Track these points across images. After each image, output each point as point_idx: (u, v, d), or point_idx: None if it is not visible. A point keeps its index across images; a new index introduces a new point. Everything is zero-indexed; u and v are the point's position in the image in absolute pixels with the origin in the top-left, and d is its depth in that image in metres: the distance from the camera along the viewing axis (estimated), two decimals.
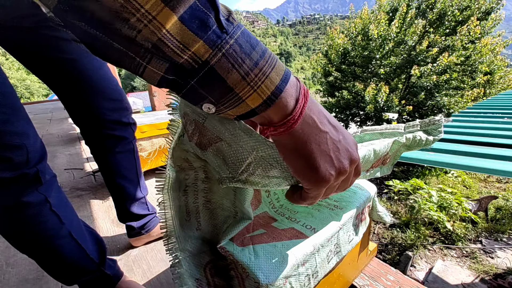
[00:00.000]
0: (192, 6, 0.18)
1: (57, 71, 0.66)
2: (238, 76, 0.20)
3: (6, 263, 0.90)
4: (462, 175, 5.40)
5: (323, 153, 0.25)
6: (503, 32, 7.06)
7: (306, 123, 0.25)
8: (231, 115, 0.24)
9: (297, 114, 0.24)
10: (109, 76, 0.73)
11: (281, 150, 0.26)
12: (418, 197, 3.85)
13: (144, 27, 0.17)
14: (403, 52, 6.72)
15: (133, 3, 0.16)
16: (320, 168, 0.25)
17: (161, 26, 0.17)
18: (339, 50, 7.93)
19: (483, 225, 3.44)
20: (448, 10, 6.50)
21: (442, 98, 6.46)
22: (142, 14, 0.17)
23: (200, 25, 0.18)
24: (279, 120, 0.24)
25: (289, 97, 0.23)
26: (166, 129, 0.37)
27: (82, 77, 0.68)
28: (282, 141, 0.25)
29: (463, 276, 2.62)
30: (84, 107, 0.72)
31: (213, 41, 0.19)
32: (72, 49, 0.65)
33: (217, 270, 0.42)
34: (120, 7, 0.16)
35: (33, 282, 0.82)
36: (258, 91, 0.21)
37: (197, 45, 0.19)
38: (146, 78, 0.21)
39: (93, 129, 0.77)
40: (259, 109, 0.23)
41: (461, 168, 1.48)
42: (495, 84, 6.98)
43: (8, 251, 0.96)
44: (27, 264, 0.89)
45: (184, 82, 0.21)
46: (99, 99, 0.72)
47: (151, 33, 0.17)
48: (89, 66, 0.68)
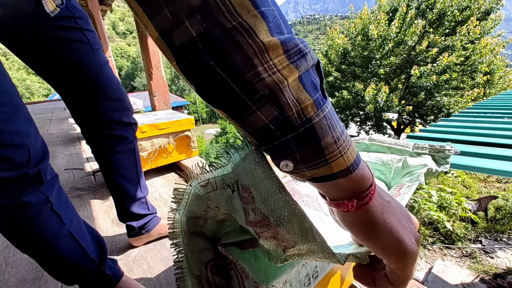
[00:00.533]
0: (309, 70, 0.21)
1: (59, 71, 0.66)
2: (331, 139, 0.22)
3: (5, 263, 0.90)
4: (462, 175, 5.41)
5: (400, 223, 0.24)
6: (503, 32, 7.07)
7: (377, 194, 0.24)
8: (307, 176, 0.24)
9: (374, 184, 0.24)
10: (110, 75, 0.73)
11: (360, 230, 0.24)
12: (418, 197, 3.85)
13: (268, 76, 0.19)
14: (403, 52, 6.73)
15: (264, 55, 0.19)
16: (405, 240, 0.23)
17: (284, 79, 0.20)
18: (339, 50, 7.94)
19: (483, 225, 3.44)
20: (448, 10, 6.51)
21: (442, 98, 6.46)
22: (269, 66, 0.19)
23: (312, 87, 0.21)
24: (360, 191, 0.23)
25: (365, 168, 0.24)
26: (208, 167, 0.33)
27: (83, 77, 0.68)
28: (361, 218, 0.24)
29: (463, 276, 2.62)
30: (85, 106, 0.72)
31: (319, 102, 0.21)
32: (74, 48, 0.64)
33: (218, 268, 0.42)
34: (253, 54, 0.19)
35: (32, 282, 0.82)
36: (344, 156, 0.22)
37: (307, 102, 0.21)
38: (248, 123, 0.22)
39: (94, 129, 0.76)
40: (340, 174, 0.23)
41: (461, 168, 1.48)
42: (495, 84, 6.99)
43: (8, 251, 0.96)
44: (26, 264, 0.89)
45: (282, 134, 0.21)
46: (100, 98, 0.72)
47: (273, 83, 0.20)
48: (90, 66, 0.68)
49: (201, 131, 24.88)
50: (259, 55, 0.19)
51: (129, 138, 0.81)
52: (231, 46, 0.18)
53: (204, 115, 34.24)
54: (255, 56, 0.19)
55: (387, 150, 0.61)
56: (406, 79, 7.09)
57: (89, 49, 0.66)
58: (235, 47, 0.18)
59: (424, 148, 0.56)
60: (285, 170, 0.24)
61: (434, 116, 6.79)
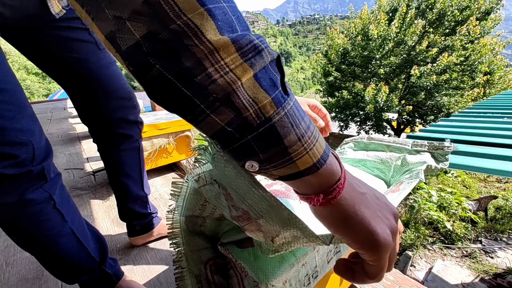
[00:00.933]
0: (267, 67, 0.20)
1: (67, 70, 0.66)
2: (295, 136, 0.21)
3: (6, 263, 0.90)
4: (462, 175, 5.41)
5: (373, 214, 0.24)
6: (503, 32, 7.07)
7: (349, 187, 0.24)
8: (274, 175, 0.23)
9: (342, 178, 0.23)
10: (117, 73, 0.73)
11: (331, 223, 0.24)
12: (418, 197, 3.85)
13: (219, 77, 0.18)
14: (402, 52, 6.73)
15: (215, 56, 0.18)
16: (378, 230, 0.23)
17: (237, 79, 0.19)
18: (339, 50, 7.94)
19: (483, 225, 3.44)
20: (448, 10, 6.51)
21: (442, 98, 6.47)
22: (220, 66, 0.18)
23: (270, 84, 0.20)
24: (328, 186, 0.23)
25: (334, 162, 0.24)
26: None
27: (91, 75, 0.68)
28: (331, 212, 0.24)
29: (463, 276, 2.62)
30: (93, 104, 0.73)
31: (279, 100, 0.20)
32: (80, 48, 0.65)
33: (217, 268, 0.42)
34: (202, 55, 0.18)
35: (32, 282, 0.82)
36: (310, 153, 0.22)
37: (265, 101, 0.20)
38: (204, 126, 0.21)
39: (101, 127, 0.77)
40: (307, 172, 0.22)
41: (461, 168, 1.48)
42: (495, 84, 7.00)
43: (8, 250, 0.96)
44: (27, 264, 0.89)
45: (241, 135, 0.21)
46: (108, 97, 0.72)
47: (226, 84, 0.19)
48: (98, 65, 0.68)
49: None
50: (208, 56, 0.18)
51: (134, 136, 0.82)
52: (177, 48, 0.17)
53: None
54: (204, 57, 0.18)
55: (386, 149, 0.61)
56: (406, 79, 7.09)
57: (95, 48, 0.67)
58: (182, 49, 0.17)
59: (423, 146, 0.56)
60: (251, 171, 0.23)
61: (434, 116, 6.79)
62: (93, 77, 0.69)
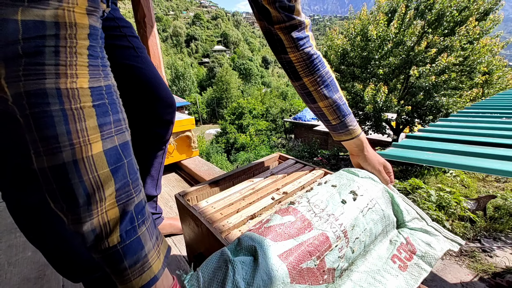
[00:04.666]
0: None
1: (114, 76, 0.68)
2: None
3: (8, 263, 0.91)
4: (461, 174, 5.42)
5: None
6: (501, 33, 7.10)
7: None
8: None
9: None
10: (158, 75, 0.76)
11: None
12: (417, 197, 3.86)
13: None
14: (401, 52, 6.75)
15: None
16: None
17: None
18: (338, 51, 7.95)
19: (482, 224, 3.45)
20: (447, 11, 6.53)
21: (441, 98, 6.48)
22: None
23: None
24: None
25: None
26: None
27: (136, 78, 0.71)
28: None
29: (462, 275, 2.63)
30: (138, 105, 0.74)
31: None
32: (123, 54, 0.68)
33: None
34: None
35: (34, 281, 0.83)
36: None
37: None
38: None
39: (142, 125, 0.77)
40: None
41: (460, 168, 1.49)
42: (494, 84, 7.01)
43: (10, 250, 0.97)
44: (29, 264, 0.90)
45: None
46: (153, 97, 0.74)
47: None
48: (140, 68, 0.71)
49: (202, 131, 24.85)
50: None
51: (165, 137, 0.83)
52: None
53: (205, 115, 34.19)
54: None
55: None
56: (405, 80, 7.11)
57: (134, 53, 0.71)
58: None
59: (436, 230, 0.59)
60: None
61: (433, 116, 6.81)
62: (140, 78, 0.71)
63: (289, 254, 0.41)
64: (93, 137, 0.26)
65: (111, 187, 0.28)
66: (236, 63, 49.81)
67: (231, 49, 72.42)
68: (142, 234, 0.32)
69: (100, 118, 0.27)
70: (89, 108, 0.26)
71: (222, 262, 0.39)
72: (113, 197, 0.29)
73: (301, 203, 0.53)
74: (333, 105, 0.63)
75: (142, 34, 1.89)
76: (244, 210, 0.59)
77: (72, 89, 0.25)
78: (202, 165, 1.54)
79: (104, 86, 0.29)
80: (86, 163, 0.26)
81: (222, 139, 16.62)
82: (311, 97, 0.64)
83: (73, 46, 0.25)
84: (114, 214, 0.29)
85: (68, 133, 0.24)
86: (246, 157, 12.80)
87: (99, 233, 0.29)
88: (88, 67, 0.27)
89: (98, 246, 0.29)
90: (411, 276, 0.49)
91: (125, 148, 0.30)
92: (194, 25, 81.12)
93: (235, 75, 38.62)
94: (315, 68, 0.61)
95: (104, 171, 0.27)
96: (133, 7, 1.86)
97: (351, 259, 0.48)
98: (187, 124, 1.55)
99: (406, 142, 1.98)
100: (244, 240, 0.43)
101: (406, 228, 0.58)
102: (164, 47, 62.97)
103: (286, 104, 21.27)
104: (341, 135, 0.67)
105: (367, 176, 0.62)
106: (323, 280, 0.43)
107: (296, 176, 0.72)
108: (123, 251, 0.30)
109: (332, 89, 0.63)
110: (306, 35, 0.60)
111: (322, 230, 0.46)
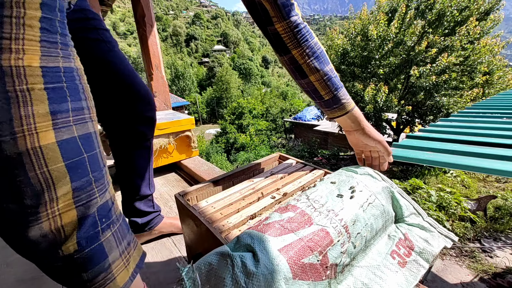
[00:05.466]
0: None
1: (86, 71, 0.68)
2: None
3: (5, 263, 0.90)
4: (461, 174, 5.42)
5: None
6: (502, 33, 7.09)
7: None
8: None
9: None
10: (133, 71, 0.74)
11: None
12: (417, 197, 3.86)
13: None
14: (402, 52, 6.73)
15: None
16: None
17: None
18: (338, 51, 7.94)
19: (482, 225, 3.45)
20: (447, 11, 6.52)
21: (441, 98, 6.47)
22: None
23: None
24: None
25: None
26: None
27: (110, 73, 0.69)
28: None
29: (462, 275, 2.63)
30: (114, 101, 0.73)
31: None
32: (94, 48, 0.66)
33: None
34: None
35: (30, 282, 0.82)
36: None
37: None
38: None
39: (119, 123, 0.76)
40: None
41: (460, 168, 1.48)
42: (494, 84, 7.00)
43: (6, 251, 0.96)
44: (25, 264, 0.89)
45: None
46: (128, 93, 0.73)
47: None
48: (113, 63, 0.69)
49: (201, 131, 24.86)
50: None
51: (148, 135, 0.82)
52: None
53: (205, 115, 34.21)
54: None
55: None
56: (406, 79, 7.09)
57: (106, 47, 0.68)
58: None
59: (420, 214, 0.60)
60: None
61: (434, 116, 6.80)
62: (113, 74, 0.69)
63: (289, 249, 0.41)
64: (41, 125, 0.22)
65: (66, 185, 0.24)
66: (236, 62, 49.78)
67: (231, 49, 72.39)
68: (105, 240, 0.28)
69: (54, 104, 0.23)
70: (39, 91, 0.22)
71: (221, 257, 0.38)
72: (69, 198, 0.24)
73: (300, 200, 0.52)
74: (324, 77, 0.59)
75: (141, 34, 1.89)
76: (244, 210, 0.58)
77: (17, 67, 0.21)
78: (202, 165, 1.53)
79: (63, 67, 0.24)
80: (32, 156, 0.22)
81: (222, 139, 16.62)
82: (301, 71, 0.60)
83: (20, 16, 0.21)
84: (70, 218, 0.25)
85: (10, 120, 0.20)
86: (246, 157, 12.80)
87: (52, 239, 0.24)
88: (40, 42, 0.22)
89: (50, 255, 0.25)
90: (410, 272, 0.48)
91: (86, 141, 0.26)
92: (194, 25, 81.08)
93: (235, 74, 38.57)
94: (304, 39, 0.57)
95: (57, 166, 0.23)
96: (133, 6, 1.85)
97: (353, 254, 0.47)
98: (187, 124, 1.54)
99: (407, 142, 1.98)
100: (243, 237, 0.42)
101: (404, 224, 0.57)
102: (164, 47, 62.96)
103: (286, 104, 21.29)
104: (335, 110, 0.63)
105: (366, 173, 0.62)
106: (325, 276, 0.43)
107: (296, 176, 0.71)
108: (81, 261, 0.26)
109: (323, 61, 0.59)
110: (292, 3, 0.56)
111: (322, 225, 0.46)
